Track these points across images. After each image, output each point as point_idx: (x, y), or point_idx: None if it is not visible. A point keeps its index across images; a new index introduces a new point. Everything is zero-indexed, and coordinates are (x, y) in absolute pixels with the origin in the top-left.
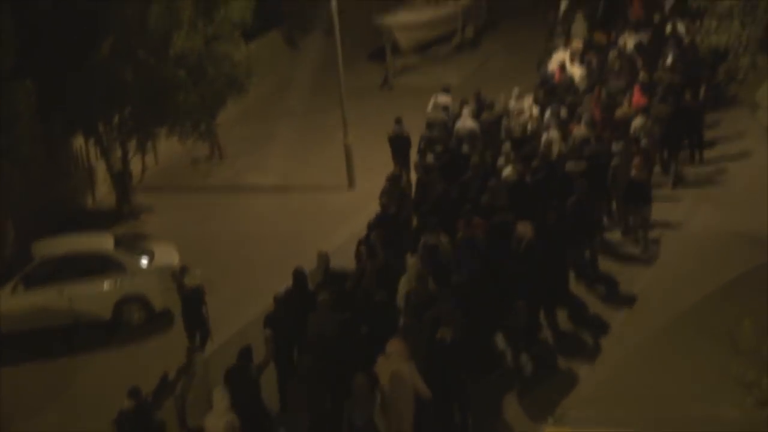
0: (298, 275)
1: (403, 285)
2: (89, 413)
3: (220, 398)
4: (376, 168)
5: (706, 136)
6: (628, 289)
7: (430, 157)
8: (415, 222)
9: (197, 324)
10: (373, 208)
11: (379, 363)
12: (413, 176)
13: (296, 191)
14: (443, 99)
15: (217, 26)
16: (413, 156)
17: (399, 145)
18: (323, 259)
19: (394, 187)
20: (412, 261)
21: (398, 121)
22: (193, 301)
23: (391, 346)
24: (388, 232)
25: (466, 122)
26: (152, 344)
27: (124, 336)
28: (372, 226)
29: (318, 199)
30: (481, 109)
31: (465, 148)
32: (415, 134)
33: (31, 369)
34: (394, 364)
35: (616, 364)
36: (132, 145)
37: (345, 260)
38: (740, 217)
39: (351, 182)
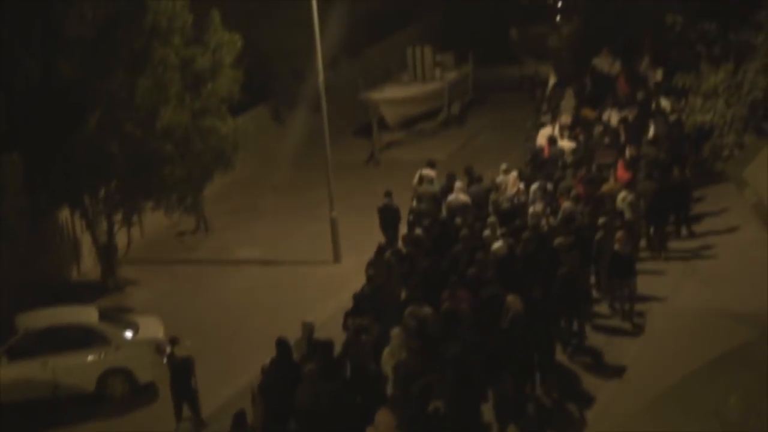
0: (281, 345)
1: (388, 356)
2: None
3: None
4: (361, 242)
5: (693, 210)
6: (614, 363)
7: (418, 230)
8: (402, 294)
9: (186, 395)
10: (359, 282)
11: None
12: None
13: (282, 265)
14: (428, 173)
15: (205, 101)
16: (402, 228)
17: (388, 217)
18: (308, 328)
19: (381, 259)
20: (395, 332)
21: (388, 193)
22: (182, 372)
23: (379, 416)
24: (375, 304)
25: (459, 195)
26: (136, 417)
27: (108, 409)
28: (358, 297)
29: (303, 273)
30: (471, 182)
31: (458, 220)
32: (404, 208)
33: None
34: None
35: None
36: (118, 218)
37: (331, 333)
38: (726, 294)
39: (336, 256)
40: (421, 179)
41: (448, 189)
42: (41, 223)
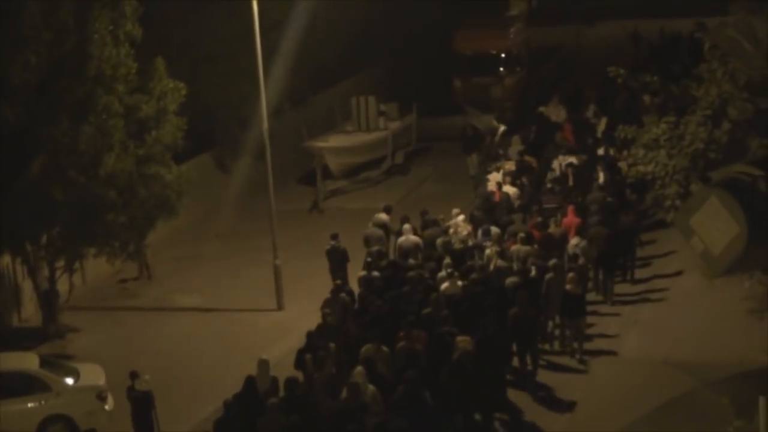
0: (249, 381)
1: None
2: None
3: None
4: (305, 290)
5: (641, 254)
6: (561, 409)
7: (375, 273)
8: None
9: (147, 427)
10: (302, 328)
11: None
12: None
13: (225, 312)
14: (382, 217)
15: (149, 148)
16: (350, 269)
17: (336, 258)
18: (264, 365)
19: (337, 299)
20: (358, 370)
21: (334, 236)
22: (143, 405)
23: None
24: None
25: (410, 237)
26: None
27: None
28: (312, 336)
29: (247, 320)
30: (426, 225)
31: (411, 261)
32: (350, 251)
33: None
34: None
35: None
36: (60, 264)
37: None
38: (668, 343)
39: (280, 304)
40: (375, 223)
41: (400, 231)
42: None
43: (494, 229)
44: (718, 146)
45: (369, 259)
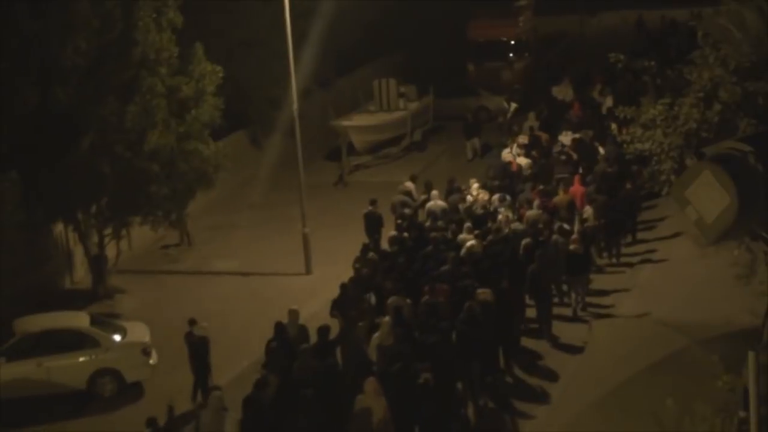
0: (279, 327)
1: (376, 340)
2: None
3: (230, 423)
4: (331, 256)
5: (643, 217)
6: (563, 366)
7: (403, 234)
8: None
9: (203, 367)
10: (329, 290)
11: (358, 399)
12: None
13: (258, 276)
14: (408, 185)
15: (189, 126)
16: (384, 231)
17: (372, 221)
18: (294, 314)
19: (366, 256)
20: (385, 320)
21: (372, 202)
22: (200, 349)
23: (367, 385)
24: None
25: (437, 201)
26: (124, 414)
27: (97, 406)
28: (345, 287)
29: (278, 283)
30: (450, 192)
31: (440, 223)
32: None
33: None
34: (370, 399)
35: None
36: (108, 231)
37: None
38: (662, 306)
39: (308, 269)
40: (401, 190)
41: (427, 197)
42: (37, 236)
43: (504, 197)
44: (710, 126)
45: (398, 221)
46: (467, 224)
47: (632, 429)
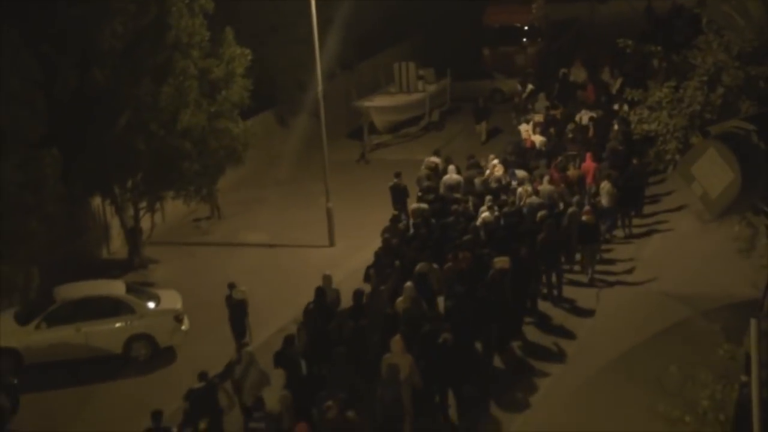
0: (320, 291)
1: (399, 303)
2: None
3: (277, 376)
4: (353, 229)
5: (652, 191)
6: (573, 332)
7: (424, 205)
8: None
9: (242, 328)
10: (351, 261)
11: (386, 357)
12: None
13: (284, 248)
14: (433, 159)
15: (219, 106)
16: (409, 203)
17: (397, 193)
18: (328, 279)
19: (395, 225)
20: (408, 285)
21: (398, 174)
22: (239, 311)
23: (394, 344)
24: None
25: (453, 176)
26: (157, 376)
27: (132, 369)
28: (378, 254)
29: (303, 255)
30: (469, 167)
31: (457, 195)
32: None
33: (49, 398)
34: (396, 357)
35: (560, 403)
36: (143, 205)
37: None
38: (666, 278)
39: (331, 241)
40: (426, 165)
41: (444, 171)
42: (77, 209)
43: (520, 172)
44: (713, 108)
45: (420, 194)
46: (488, 197)
47: (638, 392)
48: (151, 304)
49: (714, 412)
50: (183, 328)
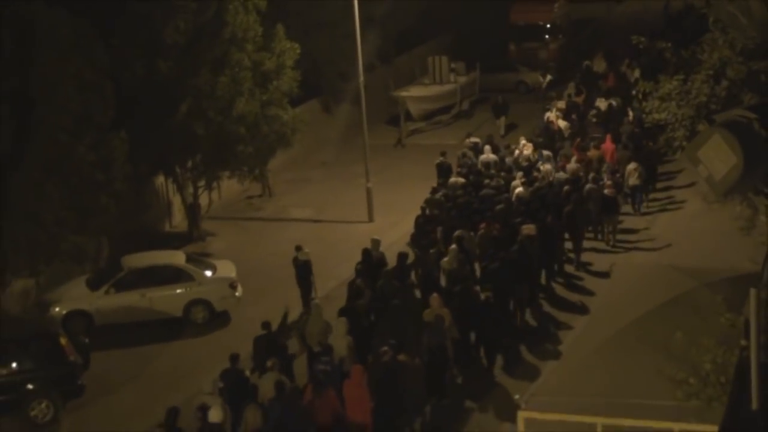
0: (366, 252)
1: (446, 264)
2: (162, 392)
3: (341, 325)
4: (390, 207)
5: (666, 168)
6: (587, 300)
7: (461, 179)
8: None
9: (307, 287)
10: (389, 236)
11: (426, 312)
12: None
13: (328, 223)
14: (473, 139)
15: (270, 95)
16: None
17: (443, 169)
18: (376, 243)
19: (434, 197)
20: (452, 248)
21: (443, 153)
22: (304, 270)
23: (432, 300)
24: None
25: (489, 155)
26: (213, 338)
27: (191, 331)
28: (419, 224)
29: (345, 229)
30: (499, 149)
31: (493, 171)
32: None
33: (117, 355)
34: (436, 309)
35: (578, 362)
36: (201, 183)
37: None
38: (674, 253)
39: (371, 217)
40: (466, 144)
41: (481, 150)
42: (142, 186)
43: (546, 152)
44: (718, 99)
45: (459, 169)
46: (519, 173)
47: (647, 356)
48: (209, 273)
49: (715, 374)
50: (237, 294)
